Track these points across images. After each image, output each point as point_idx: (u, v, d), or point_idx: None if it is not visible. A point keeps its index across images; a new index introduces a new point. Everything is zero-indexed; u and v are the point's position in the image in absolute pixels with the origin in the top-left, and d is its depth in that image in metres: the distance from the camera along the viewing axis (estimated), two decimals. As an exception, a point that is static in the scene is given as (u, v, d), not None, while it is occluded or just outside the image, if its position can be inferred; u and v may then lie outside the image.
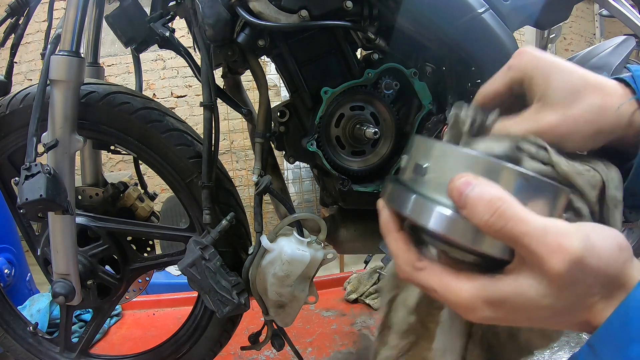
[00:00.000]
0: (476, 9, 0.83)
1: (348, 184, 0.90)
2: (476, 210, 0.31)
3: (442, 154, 0.34)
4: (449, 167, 0.33)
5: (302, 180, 3.77)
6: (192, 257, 0.88)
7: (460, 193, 0.31)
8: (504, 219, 0.30)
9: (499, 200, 0.30)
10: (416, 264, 0.35)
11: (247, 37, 0.82)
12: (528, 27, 1.09)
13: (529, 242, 0.30)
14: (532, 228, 0.30)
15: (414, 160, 0.36)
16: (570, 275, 0.29)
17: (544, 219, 0.30)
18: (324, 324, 1.55)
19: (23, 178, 0.77)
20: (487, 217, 0.30)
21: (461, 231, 0.32)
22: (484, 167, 0.32)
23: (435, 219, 0.32)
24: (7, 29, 0.96)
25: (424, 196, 0.34)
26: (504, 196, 0.31)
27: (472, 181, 0.31)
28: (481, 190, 0.31)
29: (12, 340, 1.13)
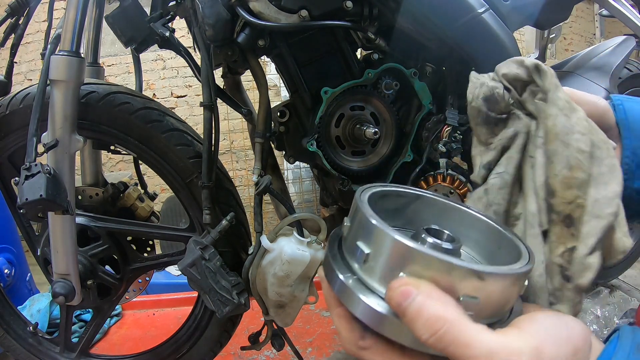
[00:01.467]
0: (476, 9, 0.83)
1: (348, 184, 0.90)
2: (415, 326, 0.28)
3: (383, 242, 0.30)
4: (390, 259, 0.30)
5: (302, 180, 3.77)
6: (192, 257, 0.88)
7: (399, 304, 0.29)
8: (444, 342, 0.28)
9: (440, 321, 0.28)
10: (360, 343, 0.33)
11: (247, 37, 0.82)
12: (528, 27, 1.09)
13: None
14: (477, 353, 0.27)
15: (355, 238, 0.33)
16: None
17: (491, 338, 0.28)
18: (324, 324, 1.55)
19: (23, 178, 0.77)
20: (426, 336, 0.28)
21: (401, 334, 0.30)
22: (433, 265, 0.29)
23: (374, 319, 0.30)
24: (7, 29, 0.96)
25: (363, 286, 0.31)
26: (446, 315, 0.28)
27: (412, 292, 0.28)
28: (420, 305, 0.28)
29: (12, 340, 1.13)
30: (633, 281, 1.73)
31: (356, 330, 0.33)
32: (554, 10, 1.00)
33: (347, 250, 0.34)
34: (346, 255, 0.34)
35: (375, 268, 0.31)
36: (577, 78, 1.14)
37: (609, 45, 1.26)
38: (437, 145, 0.88)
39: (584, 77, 1.13)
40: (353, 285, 0.31)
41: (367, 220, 0.31)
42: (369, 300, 0.30)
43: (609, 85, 1.11)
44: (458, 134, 0.89)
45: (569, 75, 1.16)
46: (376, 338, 0.32)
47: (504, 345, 0.27)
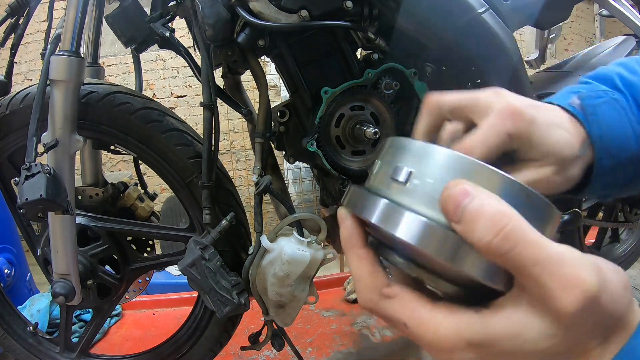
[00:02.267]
0: (476, 9, 0.83)
1: (348, 184, 0.90)
2: (476, 228, 0.24)
3: (430, 156, 0.27)
4: (439, 173, 0.26)
5: (302, 180, 3.77)
6: (192, 257, 0.88)
7: (457, 204, 0.25)
8: (511, 242, 0.24)
9: (505, 217, 0.24)
10: (384, 291, 0.28)
11: (247, 37, 0.82)
12: (528, 27, 1.09)
13: (540, 273, 0.24)
14: (546, 255, 0.24)
15: (392, 165, 0.28)
16: (582, 315, 0.24)
17: (558, 246, 0.25)
18: (324, 324, 1.55)
19: (23, 178, 0.77)
20: (489, 236, 0.24)
21: (448, 250, 0.25)
22: (487, 177, 0.26)
23: (413, 231, 0.25)
24: (7, 29, 0.96)
25: (405, 206, 0.26)
26: (512, 212, 0.25)
27: (472, 191, 0.25)
28: (482, 203, 0.24)
29: (12, 340, 1.13)
30: (633, 281, 1.73)
31: (381, 275, 0.28)
32: (554, 10, 1.00)
33: (379, 180, 0.29)
34: (377, 188, 0.29)
35: (420, 188, 0.27)
36: (577, 78, 1.14)
37: (609, 45, 1.26)
38: (437, 145, 0.88)
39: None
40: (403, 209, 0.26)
41: (404, 141, 0.28)
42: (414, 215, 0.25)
43: (609, 85, 1.10)
44: (458, 134, 0.89)
45: (569, 75, 1.16)
46: (403, 286, 0.28)
47: (571, 254, 0.24)
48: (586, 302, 0.24)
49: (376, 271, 0.29)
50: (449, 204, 0.25)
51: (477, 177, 0.26)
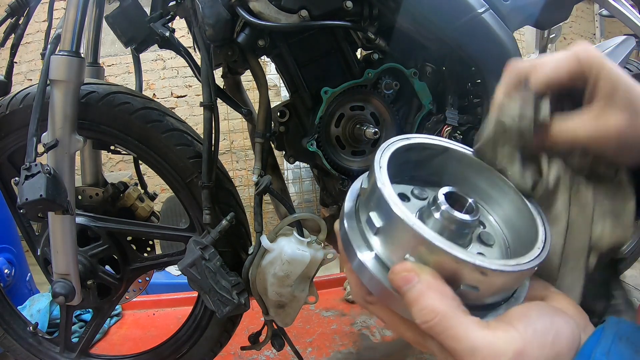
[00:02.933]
0: (476, 9, 0.83)
1: (348, 184, 0.90)
2: (412, 310, 0.30)
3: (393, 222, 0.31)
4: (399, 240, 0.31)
5: (302, 180, 3.77)
6: (192, 257, 0.88)
7: (399, 286, 0.31)
8: (434, 332, 0.30)
9: (432, 313, 0.30)
10: (366, 298, 0.36)
11: (247, 37, 0.82)
12: (528, 27, 1.09)
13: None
14: (461, 347, 0.29)
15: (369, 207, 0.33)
16: None
17: (478, 335, 0.29)
18: (324, 324, 1.55)
19: (23, 178, 0.77)
20: (420, 321, 0.30)
21: (399, 308, 0.32)
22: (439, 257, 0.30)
23: (377, 289, 0.33)
24: (7, 29, 0.96)
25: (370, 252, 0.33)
26: (440, 308, 0.30)
27: (413, 279, 0.30)
28: (418, 294, 0.30)
29: (12, 340, 1.13)
30: (633, 281, 1.73)
31: (364, 286, 0.35)
32: (554, 10, 1.00)
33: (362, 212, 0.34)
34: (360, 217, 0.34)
35: (385, 241, 0.32)
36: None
37: (609, 45, 1.26)
38: (437, 145, 0.88)
39: (584, 77, 1.13)
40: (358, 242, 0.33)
41: (382, 198, 0.32)
42: (376, 271, 0.32)
43: (609, 85, 1.10)
44: (458, 133, 0.89)
45: (569, 75, 1.15)
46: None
47: (489, 344, 0.29)
48: None
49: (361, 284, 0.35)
50: (394, 283, 0.31)
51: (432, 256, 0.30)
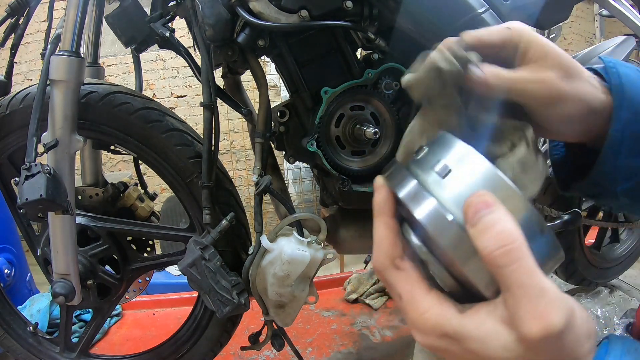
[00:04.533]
0: (476, 9, 0.83)
1: (348, 184, 0.90)
2: (485, 236, 0.28)
3: (476, 167, 0.30)
4: (475, 182, 0.30)
5: (302, 180, 3.77)
6: (192, 257, 0.88)
7: (476, 210, 0.28)
8: (508, 259, 0.27)
9: (512, 238, 0.28)
10: (397, 262, 0.32)
11: (247, 37, 0.82)
12: (528, 27, 1.08)
13: (521, 296, 0.28)
14: (532, 284, 0.27)
15: (436, 157, 0.32)
16: (542, 345, 0.28)
17: (545, 280, 0.28)
18: (324, 324, 1.55)
19: (23, 178, 0.77)
20: (492, 248, 0.28)
21: (456, 244, 0.29)
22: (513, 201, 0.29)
23: (434, 219, 0.29)
24: (7, 29, 0.96)
25: (435, 196, 0.30)
26: (520, 236, 0.28)
27: (493, 205, 0.28)
28: (498, 218, 0.28)
29: (12, 340, 1.13)
30: (633, 281, 1.73)
31: (399, 246, 0.32)
32: (554, 10, 1.00)
33: (421, 166, 0.32)
34: (417, 171, 0.32)
35: (454, 186, 0.30)
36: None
37: (609, 45, 1.26)
38: (437, 145, 0.88)
39: (584, 77, 1.13)
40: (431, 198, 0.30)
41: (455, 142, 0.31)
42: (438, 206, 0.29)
43: (609, 85, 1.10)
44: (458, 134, 0.89)
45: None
46: (412, 264, 0.32)
47: (553, 291, 0.28)
48: (547, 336, 0.27)
49: (396, 242, 0.32)
50: (470, 208, 0.29)
51: (505, 196, 0.29)
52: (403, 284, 0.32)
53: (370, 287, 1.68)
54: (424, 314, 0.30)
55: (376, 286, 1.68)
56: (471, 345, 0.29)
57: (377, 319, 1.55)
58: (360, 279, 1.74)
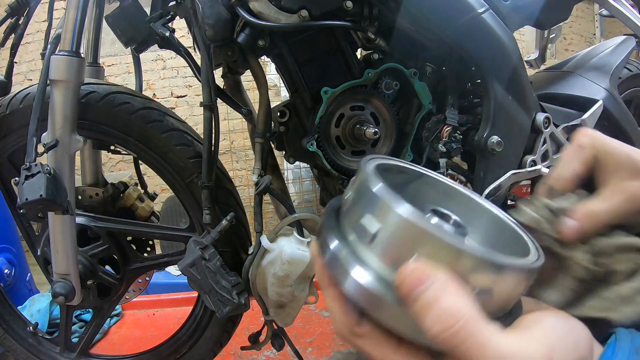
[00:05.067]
0: (476, 9, 0.83)
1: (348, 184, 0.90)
2: (425, 317, 0.25)
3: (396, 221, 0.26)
4: (403, 240, 0.26)
5: (302, 180, 3.77)
6: (192, 257, 0.88)
7: (409, 290, 0.26)
8: (456, 340, 0.25)
9: (455, 316, 0.25)
10: (355, 330, 0.30)
11: (247, 37, 0.82)
12: (528, 27, 1.09)
13: None
14: (490, 355, 0.25)
15: (360, 211, 0.28)
16: None
17: (506, 341, 0.26)
18: (324, 324, 1.55)
19: (23, 178, 0.77)
20: (438, 331, 0.25)
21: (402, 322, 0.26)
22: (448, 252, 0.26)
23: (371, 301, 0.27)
24: (7, 29, 0.96)
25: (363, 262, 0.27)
26: (463, 311, 0.25)
27: (428, 279, 0.25)
28: (436, 296, 0.25)
29: (12, 340, 1.13)
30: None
31: (352, 314, 0.30)
32: (554, 10, 1.00)
33: (348, 224, 0.29)
34: (346, 229, 0.29)
35: (383, 250, 0.27)
36: (577, 78, 1.14)
37: (609, 45, 1.26)
38: (437, 145, 0.88)
39: (584, 77, 1.13)
40: (349, 259, 0.27)
41: (377, 194, 0.27)
42: (369, 279, 0.26)
43: (609, 85, 1.11)
44: (458, 134, 0.89)
45: (569, 75, 1.15)
46: (373, 325, 0.29)
47: (518, 350, 0.26)
48: None
49: (347, 311, 0.30)
50: (403, 287, 0.26)
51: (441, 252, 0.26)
52: (370, 348, 0.30)
53: (370, 287, 1.68)
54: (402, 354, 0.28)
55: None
56: None
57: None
58: (360, 279, 1.74)
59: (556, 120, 0.95)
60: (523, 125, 0.89)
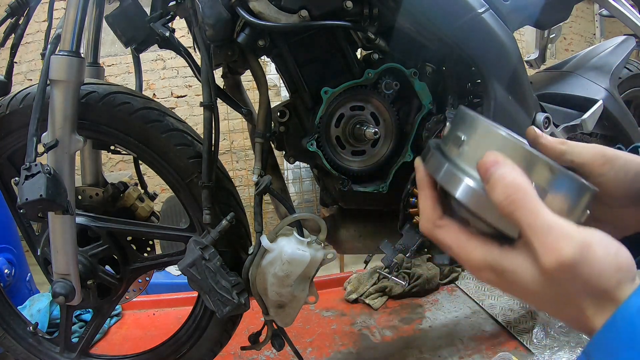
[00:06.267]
0: (476, 9, 0.83)
1: (348, 184, 0.90)
2: (495, 190, 0.33)
3: (481, 131, 0.37)
4: (484, 144, 0.36)
5: (302, 180, 3.77)
6: (192, 257, 0.88)
7: (486, 169, 0.34)
8: (514, 206, 0.33)
9: (516, 187, 0.33)
10: (437, 222, 0.39)
11: (247, 37, 0.82)
12: (528, 27, 1.09)
13: (531, 235, 0.33)
14: (538, 223, 0.32)
15: (455, 131, 0.38)
16: (559, 276, 0.32)
17: (552, 217, 0.32)
18: (324, 324, 1.55)
19: (23, 178, 0.77)
20: (501, 198, 0.33)
21: (482, 204, 0.35)
22: (516, 152, 0.35)
23: (462, 190, 0.36)
24: (7, 29, 0.96)
25: (456, 166, 0.37)
26: (522, 184, 0.33)
27: (500, 162, 0.34)
28: (504, 173, 0.33)
29: (12, 340, 1.13)
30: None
31: (438, 210, 0.39)
32: (554, 10, 1.00)
33: (445, 142, 0.40)
34: (443, 147, 0.39)
35: (469, 152, 0.36)
36: (577, 78, 1.14)
37: (609, 45, 1.26)
38: (437, 145, 0.88)
39: (584, 77, 1.13)
40: (453, 169, 0.37)
41: (467, 115, 0.38)
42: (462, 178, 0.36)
43: (609, 85, 1.11)
44: (458, 134, 0.89)
45: (569, 75, 1.16)
46: (451, 220, 0.38)
47: (561, 226, 0.32)
48: (560, 267, 0.32)
49: (434, 208, 0.39)
50: (482, 169, 0.35)
51: (512, 152, 0.35)
52: (448, 236, 0.38)
53: (370, 287, 1.68)
54: (471, 253, 0.37)
55: (376, 286, 1.68)
56: (508, 277, 0.35)
57: (377, 319, 1.55)
58: (360, 279, 1.74)
59: (556, 120, 0.95)
60: (523, 125, 0.89)
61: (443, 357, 1.30)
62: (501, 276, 0.35)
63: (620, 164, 0.44)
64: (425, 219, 0.40)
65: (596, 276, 0.32)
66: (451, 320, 1.52)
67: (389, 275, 0.95)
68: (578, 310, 0.34)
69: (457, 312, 1.56)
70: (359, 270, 1.80)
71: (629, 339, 0.31)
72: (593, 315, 0.33)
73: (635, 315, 0.31)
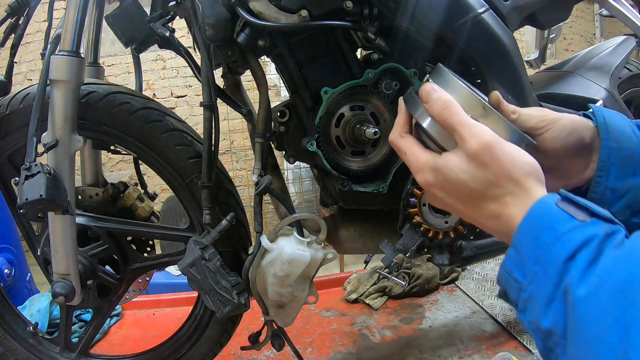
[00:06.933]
0: (476, 9, 0.83)
1: (348, 184, 0.90)
2: (434, 105, 0.48)
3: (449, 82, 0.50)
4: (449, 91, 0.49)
5: (302, 180, 3.77)
6: (192, 257, 0.88)
7: (427, 93, 0.49)
8: (448, 113, 0.47)
9: (449, 102, 0.47)
10: (402, 134, 0.53)
11: (247, 37, 0.82)
12: (528, 27, 1.09)
13: (460, 129, 0.46)
14: (466, 121, 0.46)
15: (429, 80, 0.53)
16: (481, 157, 0.44)
17: (474, 122, 0.46)
18: (324, 324, 1.55)
19: (23, 178, 0.77)
20: (437, 110, 0.47)
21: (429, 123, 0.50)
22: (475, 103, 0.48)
23: (418, 112, 0.51)
24: (7, 29, 0.96)
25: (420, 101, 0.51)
26: (453, 101, 0.47)
27: (437, 89, 0.49)
28: (440, 95, 0.48)
29: (12, 340, 1.13)
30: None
31: (405, 127, 0.53)
32: (554, 10, 1.00)
33: None
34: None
35: None
36: (577, 78, 1.14)
37: (609, 45, 1.26)
38: (437, 145, 0.88)
39: (584, 77, 1.13)
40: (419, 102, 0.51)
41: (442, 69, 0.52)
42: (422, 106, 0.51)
43: (609, 85, 1.11)
44: (458, 134, 0.89)
45: (569, 75, 1.16)
46: (411, 136, 0.53)
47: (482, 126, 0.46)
48: (482, 147, 0.44)
49: (404, 124, 0.54)
50: (423, 92, 0.50)
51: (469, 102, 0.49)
52: (405, 144, 0.52)
53: (370, 287, 1.68)
54: (418, 157, 0.50)
55: (376, 286, 1.68)
56: (444, 172, 0.47)
57: (377, 319, 1.55)
58: (360, 279, 1.74)
59: (556, 120, 0.94)
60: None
61: (443, 357, 1.30)
62: (437, 172, 0.47)
63: (561, 124, 0.54)
64: (395, 131, 0.53)
65: (509, 162, 0.44)
66: (451, 320, 1.52)
67: (389, 275, 0.95)
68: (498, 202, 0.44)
69: (457, 312, 1.56)
70: (359, 270, 1.80)
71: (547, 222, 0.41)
72: (510, 203, 0.44)
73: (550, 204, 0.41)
